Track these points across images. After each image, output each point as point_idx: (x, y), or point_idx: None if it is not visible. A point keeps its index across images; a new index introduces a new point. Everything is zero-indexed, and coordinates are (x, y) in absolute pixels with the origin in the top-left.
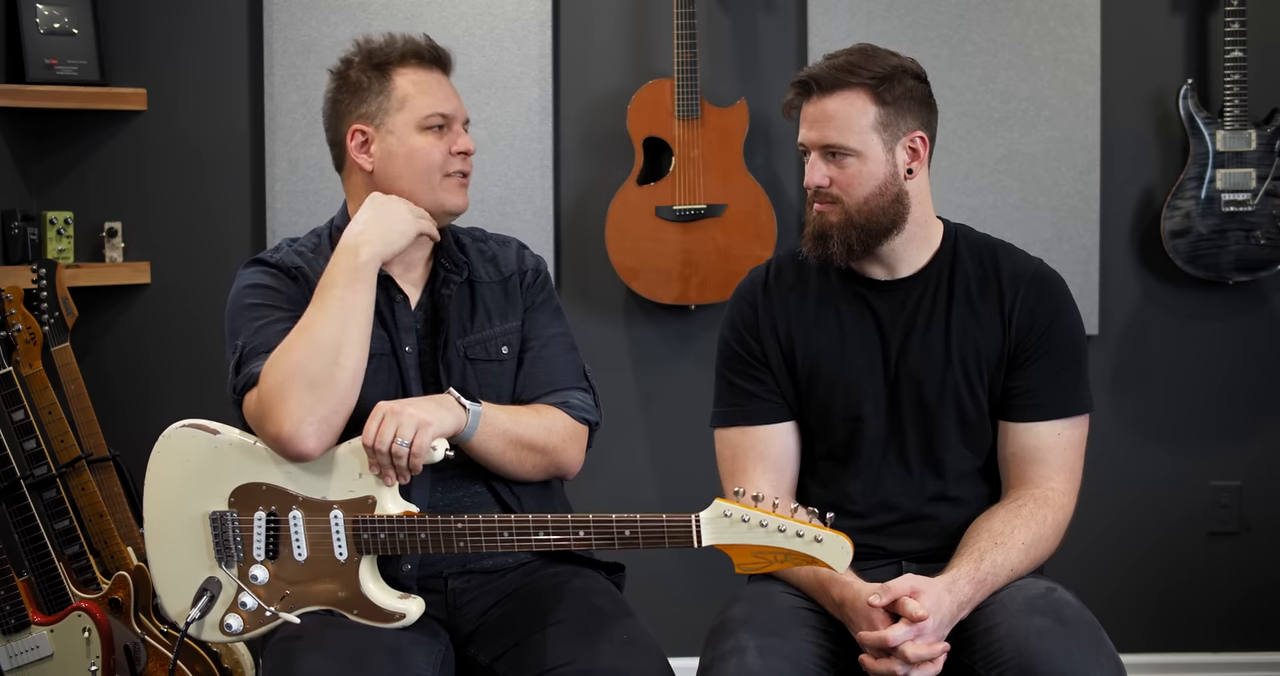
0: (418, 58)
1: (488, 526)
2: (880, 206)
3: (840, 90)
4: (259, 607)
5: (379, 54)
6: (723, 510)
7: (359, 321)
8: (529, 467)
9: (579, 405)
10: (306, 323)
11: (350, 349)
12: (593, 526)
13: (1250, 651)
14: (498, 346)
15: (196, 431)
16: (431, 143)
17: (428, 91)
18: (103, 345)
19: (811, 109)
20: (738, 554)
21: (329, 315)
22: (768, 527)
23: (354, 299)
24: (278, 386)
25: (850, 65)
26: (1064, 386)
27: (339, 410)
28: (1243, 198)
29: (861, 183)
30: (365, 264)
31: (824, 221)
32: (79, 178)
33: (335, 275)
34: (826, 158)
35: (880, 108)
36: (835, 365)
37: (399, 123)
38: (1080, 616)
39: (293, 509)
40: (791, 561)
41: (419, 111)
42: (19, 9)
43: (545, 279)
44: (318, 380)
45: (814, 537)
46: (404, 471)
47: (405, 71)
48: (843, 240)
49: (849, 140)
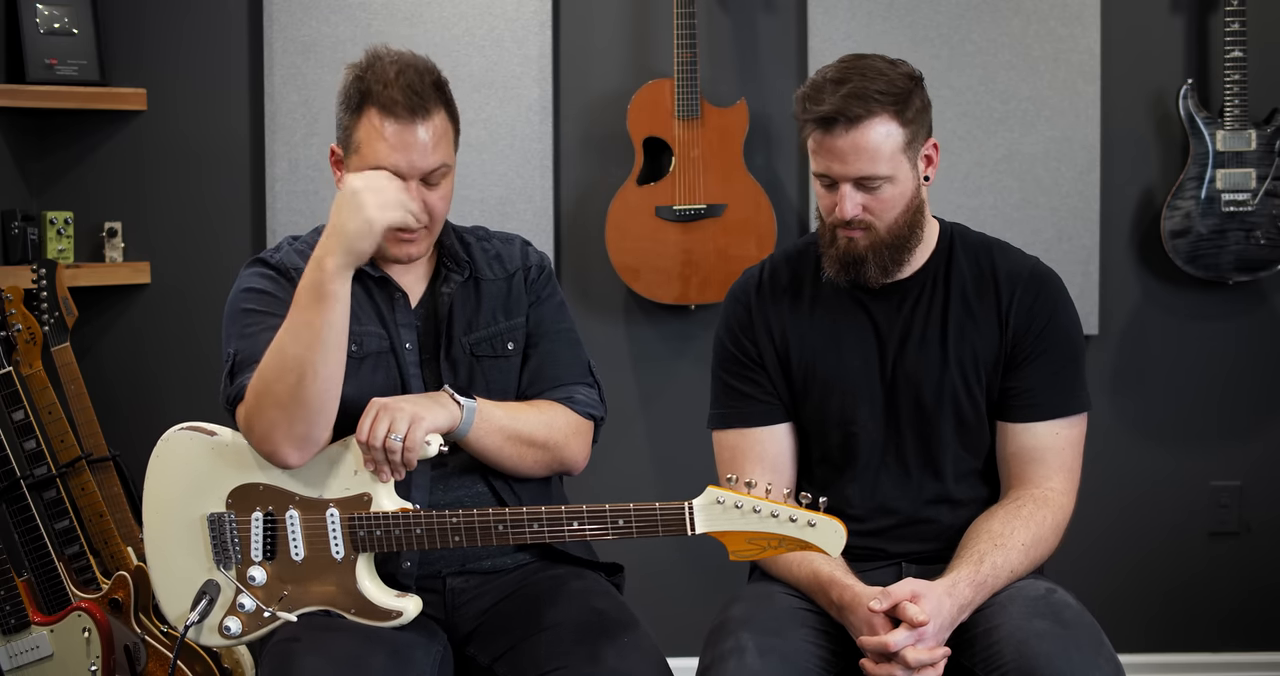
0: (392, 106)
1: (483, 520)
2: (907, 221)
3: (867, 120)
4: (257, 609)
5: (364, 84)
6: (715, 497)
7: (326, 340)
8: (530, 463)
9: (584, 400)
10: (276, 342)
11: (316, 369)
12: (586, 516)
13: (1250, 651)
14: (504, 343)
15: (194, 434)
16: None
17: (383, 144)
18: (103, 345)
19: (840, 143)
20: (731, 540)
21: (293, 337)
22: (760, 513)
23: (319, 318)
24: (254, 406)
25: (865, 91)
26: (1062, 386)
27: (316, 425)
28: (1243, 198)
29: (894, 205)
30: (331, 277)
31: (854, 248)
32: (79, 178)
33: (300, 293)
34: (858, 188)
35: (904, 128)
36: (831, 369)
37: (352, 163)
38: (1080, 618)
39: (289, 508)
40: (785, 547)
41: (365, 162)
42: (19, 9)
43: (549, 275)
44: (285, 401)
45: (807, 522)
46: (398, 467)
47: (373, 114)
48: (878, 263)
49: (881, 168)
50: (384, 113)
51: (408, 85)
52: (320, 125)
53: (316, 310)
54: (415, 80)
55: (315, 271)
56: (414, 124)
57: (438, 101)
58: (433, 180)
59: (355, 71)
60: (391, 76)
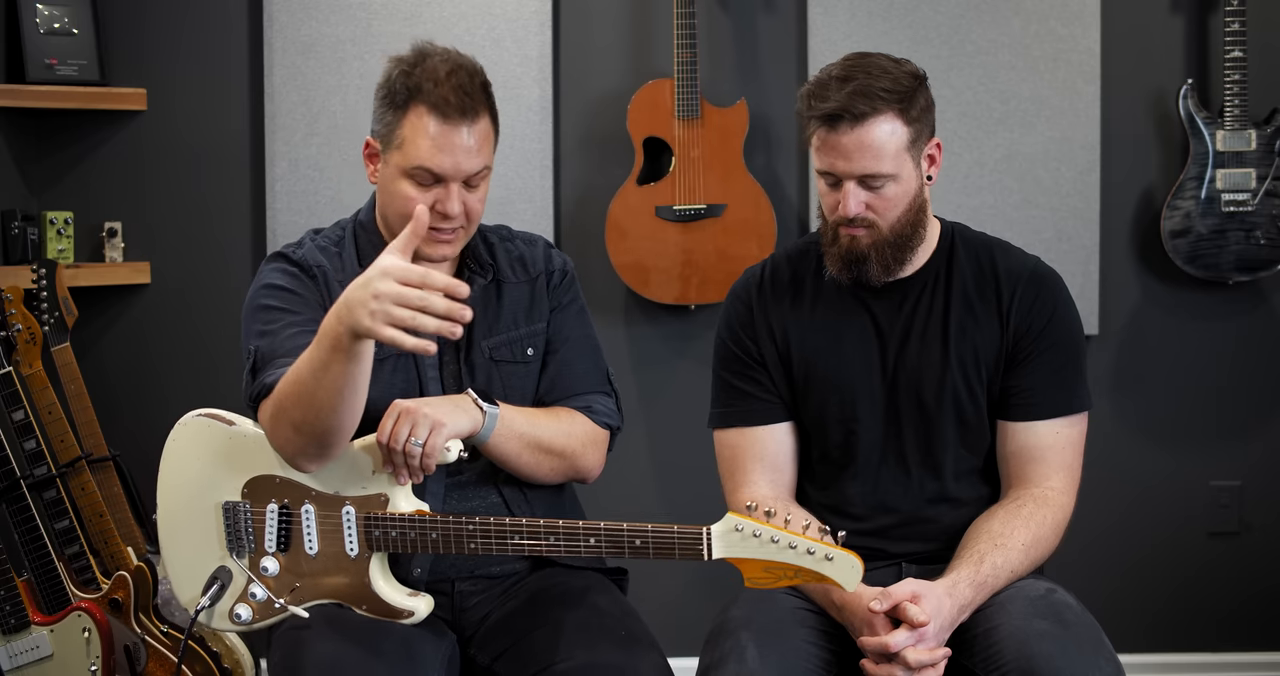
0: (443, 104)
1: (499, 528)
2: (909, 220)
3: (872, 117)
4: (268, 599)
5: (412, 79)
6: (734, 524)
7: (342, 386)
8: (546, 471)
9: (601, 410)
10: (296, 368)
11: (333, 408)
12: (604, 534)
13: (1250, 651)
14: (523, 348)
15: (212, 421)
16: (412, 193)
17: (428, 144)
18: (103, 345)
19: (844, 140)
20: (748, 568)
21: (312, 372)
22: (779, 544)
23: (338, 366)
24: (273, 417)
25: (870, 89)
26: (1062, 384)
27: (331, 446)
28: (1243, 198)
29: (897, 203)
30: (348, 336)
31: (857, 246)
32: (79, 178)
33: (322, 336)
34: (862, 185)
35: (908, 126)
36: (831, 368)
37: (392, 159)
38: (1081, 618)
39: (305, 502)
40: (801, 578)
41: (408, 160)
42: (19, 9)
43: (572, 280)
44: (300, 426)
45: (825, 555)
46: (417, 471)
47: (421, 111)
48: (880, 261)
49: (885, 166)
50: (433, 111)
51: (459, 86)
52: (320, 125)
53: (335, 358)
54: (466, 81)
55: (335, 324)
56: (461, 126)
57: (484, 104)
58: (474, 183)
59: (402, 66)
60: (443, 75)
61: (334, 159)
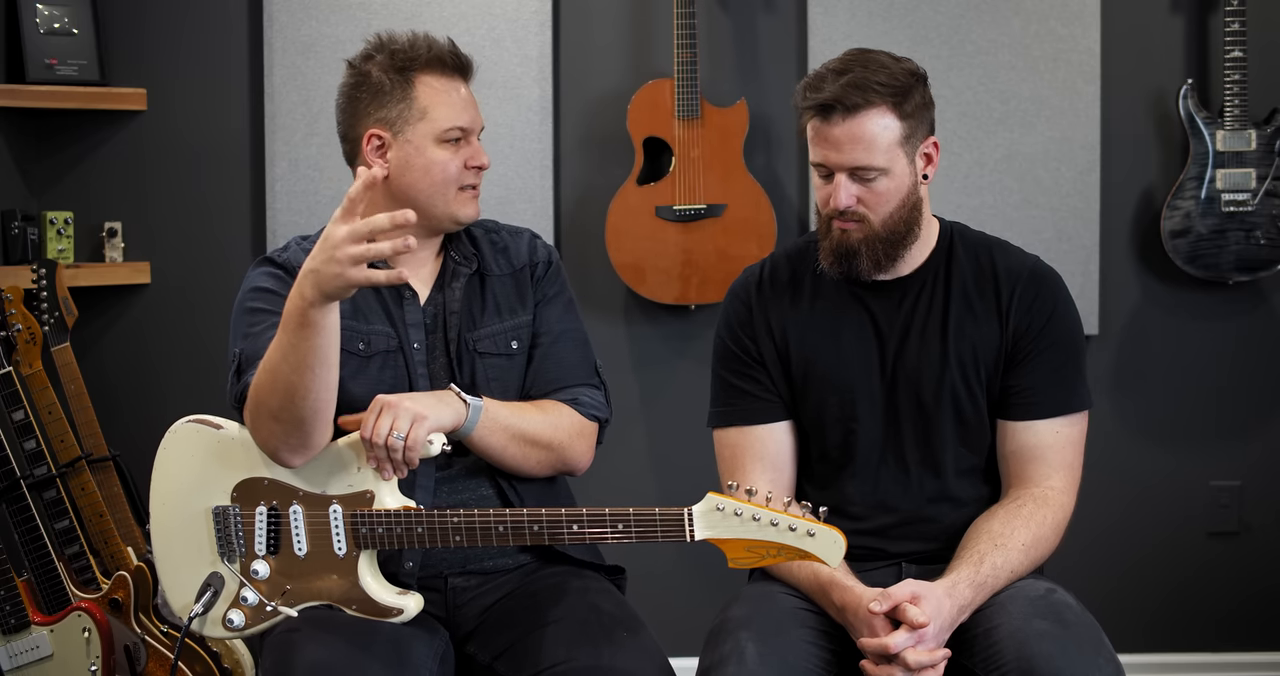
0: (441, 65)
1: (483, 521)
2: (902, 217)
3: (864, 110)
4: (260, 603)
5: (403, 56)
6: (715, 504)
7: (312, 365)
8: (534, 463)
9: (588, 402)
10: (267, 358)
11: (306, 389)
12: (586, 520)
13: (1250, 651)
14: (507, 341)
15: (201, 427)
16: (449, 156)
17: (449, 103)
18: (103, 345)
19: (836, 131)
20: (730, 548)
21: (282, 356)
22: (760, 522)
23: (303, 343)
24: (253, 412)
25: (865, 82)
26: (1062, 383)
27: (311, 434)
28: (1243, 198)
29: (889, 198)
30: (311, 305)
31: (848, 239)
32: (79, 178)
33: (285, 317)
34: (853, 178)
35: (901, 122)
36: (830, 367)
37: (418, 133)
38: (1081, 618)
39: (293, 503)
40: (784, 556)
41: (439, 124)
42: (19, 9)
43: (557, 271)
44: (278, 415)
45: (806, 532)
46: (400, 465)
47: (428, 79)
48: (870, 256)
49: (876, 159)
50: (440, 74)
51: (446, 48)
52: (320, 125)
53: (301, 335)
54: (446, 42)
55: (297, 298)
56: (465, 81)
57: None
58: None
59: (378, 55)
60: (424, 44)
61: (334, 159)
